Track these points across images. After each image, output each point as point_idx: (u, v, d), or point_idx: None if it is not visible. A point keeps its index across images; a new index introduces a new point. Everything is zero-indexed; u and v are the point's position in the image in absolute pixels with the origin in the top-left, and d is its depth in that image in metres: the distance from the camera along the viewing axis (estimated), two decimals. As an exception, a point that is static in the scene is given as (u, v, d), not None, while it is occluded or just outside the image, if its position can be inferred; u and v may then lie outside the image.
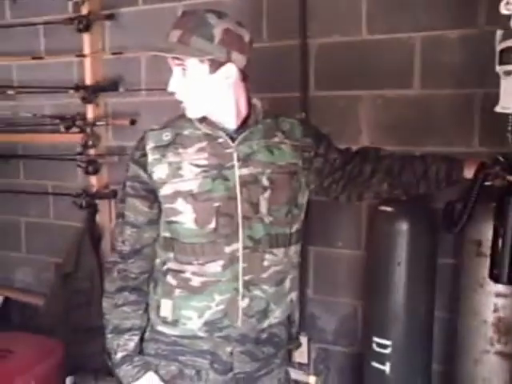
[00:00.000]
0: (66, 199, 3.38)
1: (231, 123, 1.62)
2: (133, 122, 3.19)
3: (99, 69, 3.28)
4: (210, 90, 1.55)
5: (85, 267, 3.29)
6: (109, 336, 1.72)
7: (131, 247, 1.67)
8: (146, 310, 1.73)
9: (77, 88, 3.25)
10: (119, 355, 1.70)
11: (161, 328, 1.70)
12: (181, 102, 1.58)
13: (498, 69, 1.55)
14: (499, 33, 1.56)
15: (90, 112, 3.28)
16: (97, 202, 3.35)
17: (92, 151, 3.30)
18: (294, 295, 1.77)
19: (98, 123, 3.27)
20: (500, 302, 2.03)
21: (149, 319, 1.73)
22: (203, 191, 1.57)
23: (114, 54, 3.21)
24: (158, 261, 1.70)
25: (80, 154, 3.30)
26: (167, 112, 2.99)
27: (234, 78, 1.56)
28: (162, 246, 1.67)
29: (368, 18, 2.60)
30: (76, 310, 3.26)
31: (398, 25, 2.54)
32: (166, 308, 1.67)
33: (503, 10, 1.52)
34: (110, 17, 3.18)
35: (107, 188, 3.37)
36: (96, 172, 3.32)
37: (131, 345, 1.70)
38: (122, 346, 1.70)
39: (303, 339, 2.84)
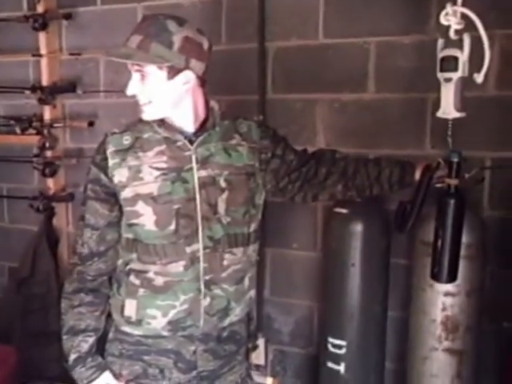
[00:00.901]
0: (22, 202, 3.32)
1: (189, 127, 1.63)
2: (91, 124, 3.16)
3: (56, 69, 3.24)
4: (167, 95, 1.56)
5: (41, 271, 3.24)
6: (64, 337, 1.72)
7: (90, 250, 1.67)
8: (103, 312, 1.74)
9: (33, 89, 3.18)
10: (72, 357, 1.70)
11: (125, 328, 1.70)
12: (140, 105, 1.58)
13: (439, 75, 1.61)
14: (440, 41, 1.61)
15: (47, 113, 3.23)
16: (54, 204, 3.30)
17: (49, 153, 3.25)
18: (252, 293, 1.80)
19: (55, 125, 3.22)
20: (448, 300, 2.09)
21: (112, 320, 1.75)
22: (163, 194, 1.58)
23: (71, 54, 3.17)
24: (120, 261, 1.71)
25: (37, 155, 3.24)
26: (125, 114, 3.01)
27: (192, 84, 1.58)
28: (125, 247, 1.68)
29: (325, 22, 2.64)
30: (31, 316, 3.20)
31: (353, 30, 2.58)
32: (131, 308, 1.67)
33: (443, 21, 1.57)
34: (68, 16, 3.13)
35: (64, 191, 3.33)
36: (53, 174, 3.27)
37: (85, 346, 1.70)
38: (75, 347, 1.70)
39: (260, 341, 2.85)
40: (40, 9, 3.13)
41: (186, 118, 1.62)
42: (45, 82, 3.21)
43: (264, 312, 2.90)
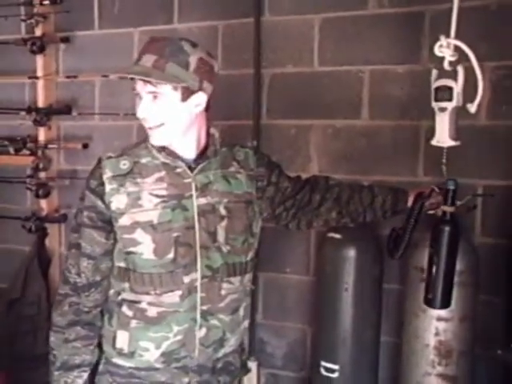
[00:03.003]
0: (13, 222, 3.30)
1: (191, 153, 1.61)
2: (85, 146, 3.17)
3: (52, 91, 3.26)
4: (180, 117, 1.53)
5: (32, 292, 3.21)
6: (56, 373, 1.66)
7: (87, 280, 1.62)
8: (97, 344, 1.69)
9: (29, 110, 3.20)
10: None
11: (116, 360, 1.65)
12: (149, 128, 1.55)
13: (434, 105, 1.64)
14: (434, 72, 1.65)
15: (42, 135, 3.25)
16: (46, 225, 3.30)
17: (43, 174, 3.26)
18: (246, 323, 1.78)
19: (49, 146, 3.23)
20: (441, 325, 2.11)
21: (102, 351, 1.69)
22: (163, 222, 1.55)
23: (67, 77, 3.19)
24: (111, 291, 1.66)
25: (30, 176, 3.24)
26: (120, 137, 3.07)
27: (203, 106, 1.57)
28: (116, 276, 1.64)
29: (320, 50, 2.69)
30: (21, 337, 3.16)
31: (348, 58, 2.64)
32: (123, 339, 1.63)
33: (437, 52, 1.61)
34: (65, 40, 3.17)
35: (57, 212, 3.32)
36: (46, 195, 3.26)
37: (80, 382, 1.66)
38: (70, 383, 1.66)
39: (252, 364, 2.84)
40: (38, 32, 3.16)
41: (189, 144, 1.60)
42: (40, 103, 3.23)
43: (256, 336, 2.90)
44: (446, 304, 1.64)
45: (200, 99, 1.55)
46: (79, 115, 3.19)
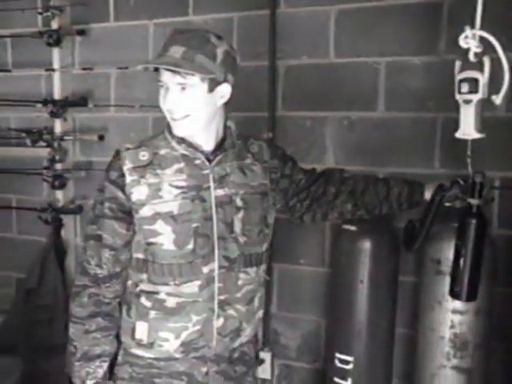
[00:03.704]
0: (30, 214, 3.34)
1: (210, 145, 1.63)
2: (101, 138, 3.20)
3: (68, 83, 3.28)
4: (205, 108, 1.55)
5: (48, 283, 3.25)
6: (76, 364, 1.68)
7: (108, 271, 1.64)
8: (116, 335, 1.71)
9: (45, 102, 3.23)
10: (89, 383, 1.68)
11: (135, 351, 1.68)
12: (174, 120, 1.57)
13: (458, 97, 1.62)
14: (458, 63, 1.63)
15: (58, 126, 3.27)
16: (62, 216, 3.32)
17: (59, 166, 3.28)
18: (260, 313, 1.79)
19: (65, 138, 3.26)
20: (456, 318, 2.10)
21: (121, 342, 1.71)
22: (183, 212, 1.57)
23: (83, 69, 3.21)
24: (129, 283, 1.68)
25: (46, 168, 3.27)
26: (135, 128, 3.09)
27: (227, 98, 1.59)
28: (135, 267, 1.66)
29: (336, 41, 2.68)
30: (38, 327, 3.20)
31: (364, 49, 2.63)
32: (142, 330, 1.65)
33: (462, 44, 1.59)
34: (81, 32, 3.18)
35: (73, 203, 3.35)
36: (62, 187, 3.29)
37: (101, 372, 1.68)
38: (91, 373, 1.67)
39: (267, 355, 2.86)
40: (54, 25, 3.18)
41: (210, 136, 1.62)
42: (56, 95, 3.26)
43: (271, 327, 2.91)
44: (472, 297, 1.64)
45: (225, 91, 1.57)
46: (95, 107, 3.21)
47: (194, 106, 1.54)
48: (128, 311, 1.69)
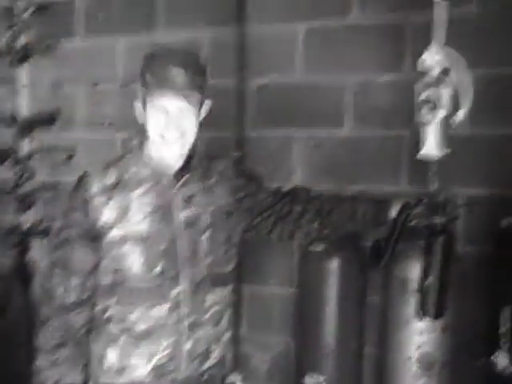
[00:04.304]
0: (-5, 236, 3.28)
1: (178, 164, 1.61)
2: (69, 158, 3.16)
3: (36, 102, 3.25)
4: (196, 127, 1.56)
5: (12, 308, 3.17)
6: None
7: (77, 298, 1.59)
8: (85, 365, 1.65)
9: (12, 121, 3.18)
10: None
11: (105, 379, 1.63)
12: (165, 142, 1.52)
13: (422, 115, 1.63)
14: (421, 82, 1.64)
15: (25, 146, 3.22)
16: (29, 239, 3.26)
17: (26, 186, 3.23)
18: (228, 334, 1.76)
19: (32, 158, 3.21)
20: (423, 338, 2.09)
21: (89, 372, 1.66)
22: (152, 234, 1.55)
23: (52, 87, 3.18)
24: (97, 309, 1.64)
25: (13, 188, 3.21)
26: (104, 148, 3.04)
27: (206, 114, 1.60)
28: (102, 292, 1.61)
29: (304, 60, 2.69)
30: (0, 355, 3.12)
31: (332, 68, 2.64)
32: (112, 357, 1.61)
33: (420, 67, 1.61)
34: (49, 49, 3.16)
35: (41, 225, 3.29)
36: (29, 208, 3.24)
37: None
38: None
39: (237, 378, 2.81)
40: (21, 41, 3.15)
41: (181, 156, 1.59)
42: (24, 114, 3.21)
43: (241, 349, 2.87)
44: (440, 314, 1.65)
45: (207, 107, 1.59)
46: (63, 126, 3.17)
47: (190, 127, 1.54)
48: (96, 338, 1.64)
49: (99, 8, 3.11)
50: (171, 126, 1.51)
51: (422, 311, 1.64)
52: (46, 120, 3.20)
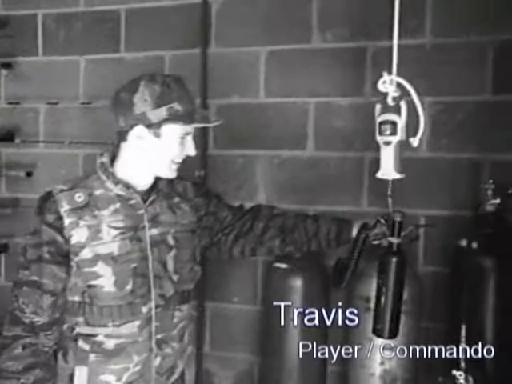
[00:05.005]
0: (-49, 253, 3.20)
1: (146, 184, 1.63)
2: (29, 174, 3.11)
3: (-6, 118, 3.20)
4: None
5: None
6: None
7: (49, 318, 1.55)
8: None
9: (-31, 137, 3.13)
10: None
11: None
12: (174, 166, 1.59)
13: (379, 139, 1.67)
14: (378, 107, 1.69)
15: (-17, 162, 3.17)
16: (-14, 255, 3.20)
17: (-17, 202, 3.17)
18: (190, 349, 1.80)
19: (-10, 174, 3.16)
20: (386, 355, 2.13)
21: None
22: (123, 253, 1.55)
23: (10, 103, 3.14)
24: (65, 327, 1.61)
25: (-30, 205, 3.15)
26: (65, 165, 3.02)
27: None
28: (70, 310, 1.59)
29: (266, 81, 2.74)
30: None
31: (293, 90, 2.70)
32: (81, 375, 1.58)
33: (381, 88, 1.65)
34: (7, 65, 3.12)
35: (-2, 241, 3.23)
36: (-14, 224, 3.17)
37: None
38: None
39: (200, 397, 2.82)
40: (-22, 58, 3.10)
41: (150, 176, 1.63)
42: (-18, 130, 3.16)
43: (203, 367, 2.88)
44: (394, 334, 1.66)
45: None
46: (22, 143, 3.13)
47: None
48: (65, 356, 1.61)
49: (62, 25, 3.09)
50: (185, 151, 1.58)
51: (376, 331, 1.66)
52: (5, 136, 3.14)
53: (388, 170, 1.66)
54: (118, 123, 1.56)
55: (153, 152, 1.56)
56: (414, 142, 1.67)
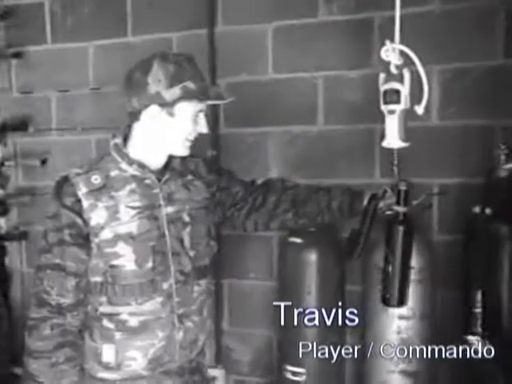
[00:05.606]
0: (-29, 242, 3.26)
1: (160, 164, 1.66)
2: (44, 162, 3.15)
3: (6, 108, 3.22)
4: None
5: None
6: None
7: (74, 299, 1.60)
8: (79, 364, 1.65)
9: (-17, 127, 3.17)
10: None
11: (102, 374, 1.65)
12: (187, 143, 1.62)
13: (383, 108, 1.67)
14: (382, 75, 1.68)
15: (-2, 152, 3.21)
16: (6, 244, 3.25)
17: (1, 192, 3.21)
18: (209, 322, 1.84)
19: (6, 163, 3.19)
20: (402, 324, 2.15)
21: (83, 369, 1.66)
22: (142, 232, 1.59)
23: (22, 92, 3.16)
24: (89, 307, 1.64)
25: (-13, 195, 3.20)
26: (78, 151, 3.05)
27: None
28: (93, 291, 1.63)
29: (274, 58, 2.74)
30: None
31: (302, 65, 2.69)
32: (109, 353, 1.63)
33: (383, 57, 1.65)
34: (17, 55, 3.14)
35: (17, 229, 3.28)
36: (5, 213, 3.22)
37: None
38: None
39: (219, 371, 2.85)
40: (-12, 48, 3.13)
41: (163, 155, 1.66)
42: (-5, 120, 3.20)
43: (223, 343, 2.91)
44: (402, 302, 1.67)
45: None
46: (36, 131, 3.16)
47: None
48: (91, 335, 1.66)
49: (69, 12, 3.10)
50: (198, 128, 1.61)
51: (384, 300, 1.67)
52: (19, 125, 3.18)
53: (393, 138, 1.66)
54: (131, 104, 1.58)
55: (167, 131, 1.59)
56: (419, 110, 1.67)
